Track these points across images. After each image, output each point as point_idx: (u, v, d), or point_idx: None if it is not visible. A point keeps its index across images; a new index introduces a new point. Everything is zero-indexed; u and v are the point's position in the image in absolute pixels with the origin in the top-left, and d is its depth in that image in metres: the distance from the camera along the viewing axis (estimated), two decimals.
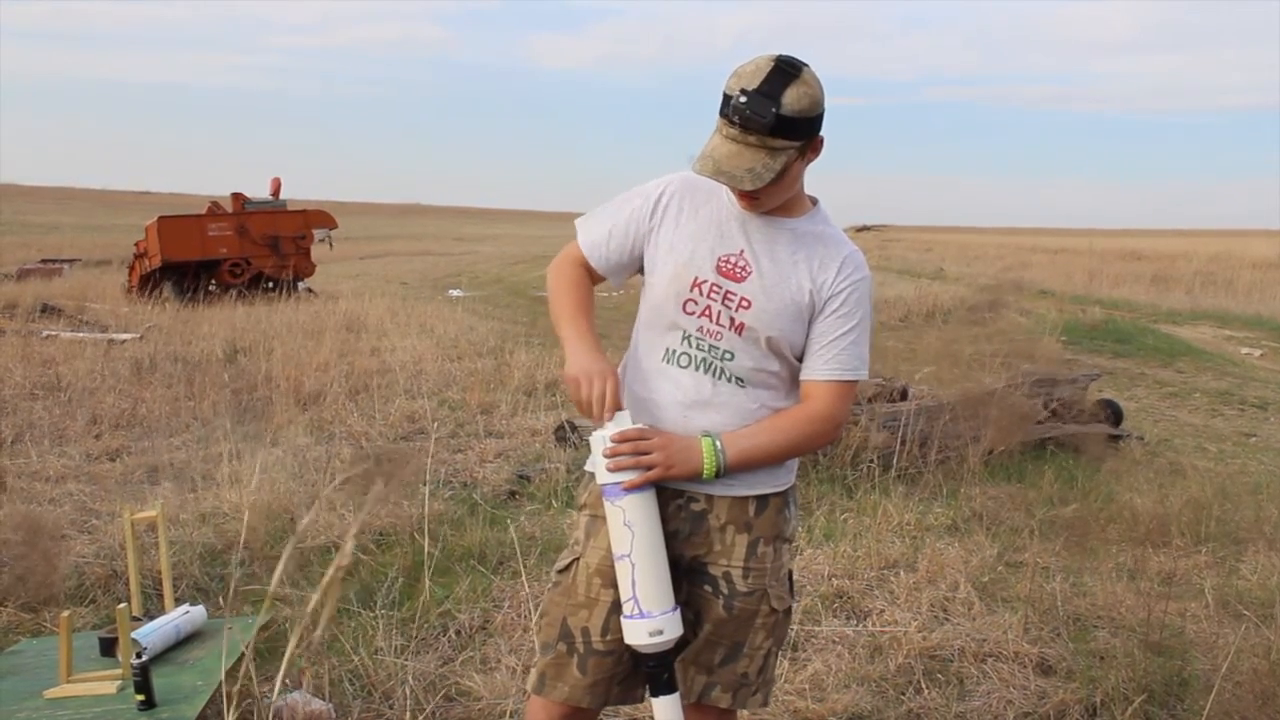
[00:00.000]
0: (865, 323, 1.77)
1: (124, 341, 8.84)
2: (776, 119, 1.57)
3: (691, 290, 1.75)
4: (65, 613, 2.28)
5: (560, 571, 1.87)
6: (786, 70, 1.59)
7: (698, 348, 1.76)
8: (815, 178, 1.79)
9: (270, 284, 13.95)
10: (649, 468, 1.69)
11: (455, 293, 16.83)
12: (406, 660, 2.96)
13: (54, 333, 9.19)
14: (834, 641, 3.26)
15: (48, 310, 10.96)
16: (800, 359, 1.78)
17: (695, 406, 1.76)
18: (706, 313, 1.75)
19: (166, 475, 4.90)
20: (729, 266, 1.74)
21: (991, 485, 5.12)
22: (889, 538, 4.22)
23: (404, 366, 7.88)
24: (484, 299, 15.94)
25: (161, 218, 13.63)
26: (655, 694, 1.74)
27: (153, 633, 2.49)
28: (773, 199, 1.71)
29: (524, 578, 3.46)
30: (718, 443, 1.72)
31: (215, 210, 14.10)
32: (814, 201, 1.82)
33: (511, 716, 2.70)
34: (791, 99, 1.58)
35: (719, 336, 1.75)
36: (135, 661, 2.20)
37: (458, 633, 3.26)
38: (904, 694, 2.95)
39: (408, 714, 2.71)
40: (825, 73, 1.66)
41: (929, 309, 13.68)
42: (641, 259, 1.83)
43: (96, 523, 4.21)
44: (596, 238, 1.84)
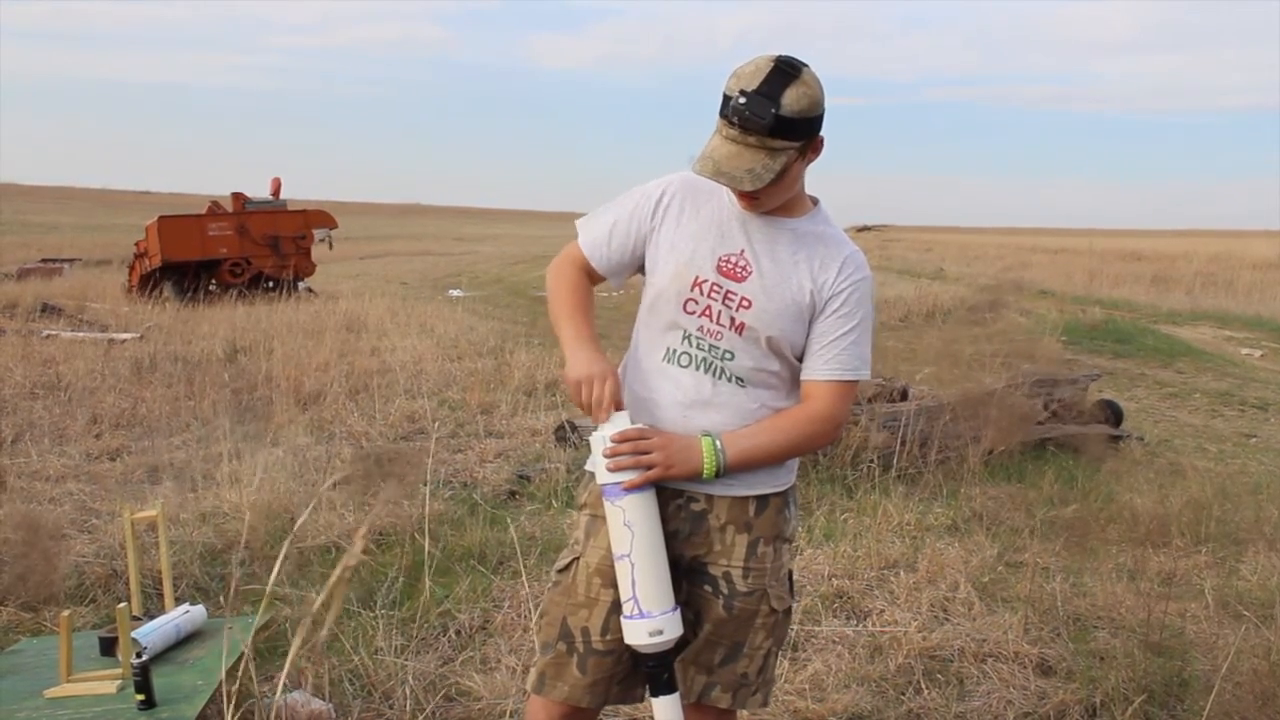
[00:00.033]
0: (866, 323, 1.77)
1: (124, 341, 8.84)
2: (776, 120, 1.57)
3: (692, 290, 1.75)
4: (65, 612, 2.28)
5: (560, 571, 1.87)
6: (786, 71, 1.59)
7: (698, 347, 1.76)
8: (815, 178, 1.79)
9: (270, 284, 13.96)
10: (649, 467, 1.69)
11: (455, 293, 16.82)
12: (406, 660, 2.96)
13: (54, 332, 9.20)
14: (834, 641, 3.26)
15: (48, 310, 10.96)
16: (800, 359, 1.78)
17: (695, 406, 1.76)
18: (707, 312, 1.75)
19: (166, 475, 4.90)
20: (729, 266, 1.74)
21: (991, 485, 5.12)
22: (889, 538, 4.22)
23: (404, 366, 7.88)
24: (484, 299, 15.94)
25: (162, 217, 13.63)
26: (655, 694, 1.74)
27: (153, 632, 2.49)
28: (773, 199, 1.71)
29: (524, 578, 3.46)
30: (718, 442, 1.72)
31: (215, 210, 14.11)
32: (815, 201, 1.82)
33: (511, 716, 2.70)
34: (791, 99, 1.58)
35: (719, 336, 1.75)
36: (135, 661, 2.20)
37: (458, 633, 3.26)
38: (904, 694, 2.95)
39: (408, 714, 2.71)
40: (825, 73, 1.66)
41: (929, 309, 13.69)
42: (642, 259, 1.83)
43: (96, 522, 4.21)
44: (597, 238, 1.84)
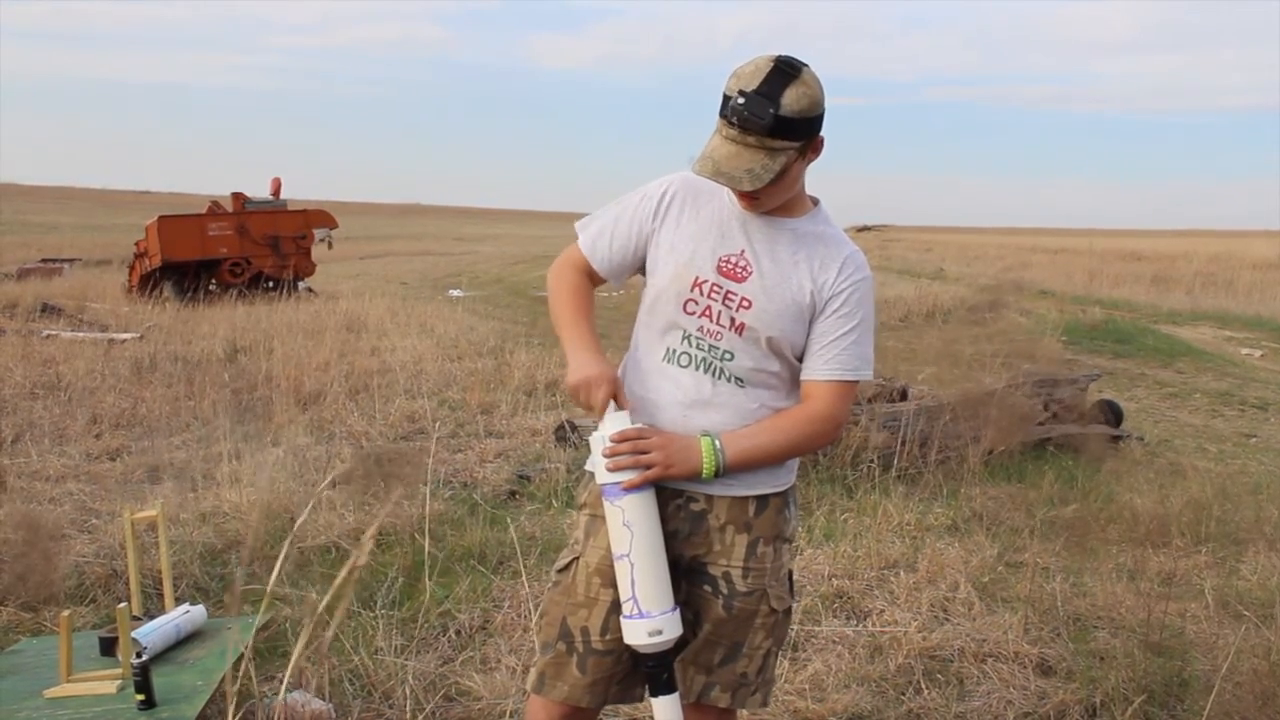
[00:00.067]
0: (866, 323, 1.77)
1: (124, 341, 8.84)
2: (775, 120, 1.57)
3: (692, 290, 1.75)
4: (65, 612, 2.28)
5: (560, 571, 1.87)
6: (786, 71, 1.59)
7: (698, 347, 1.76)
8: (815, 178, 1.79)
9: (270, 284, 13.96)
10: (648, 467, 1.69)
11: (455, 293, 16.82)
12: (406, 660, 2.96)
13: (54, 332, 9.20)
14: (834, 641, 3.26)
15: (48, 310, 10.96)
16: (800, 359, 1.78)
17: (695, 406, 1.76)
18: (707, 313, 1.75)
19: (166, 475, 4.90)
20: (730, 267, 1.74)
21: (991, 485, 5.12)
22: (889, 538, 4.22)
23: (404, 366, 7.88)
24: (484, 299, 15.94)
25: (161, 217, 13.64)
26: (655, 694, 1.74)
27: (153, 632, 2.49)
28: (773, 199, 1.71)
29: (524, 578, 3.46)
30: (717, 442, 1.72)
31: (215, 210, 14.11)
32: (815, 202, 1.82)
33: (511, 716, 2.70)
34: (791, 100, 1.58)
35: (719, 336, 1.75)
36: (135, 661, 2.20)
37: (458, 633, 3.26)
38: (904, 694, 2.95)
39: (408, 714, 2.71)
40: (825, 73, 1.66)
41: (929, 309, 13.69)
42: (644, 260, 1.82)
43: (96, 522, 4.21)
44: (598, 240, 1.84)
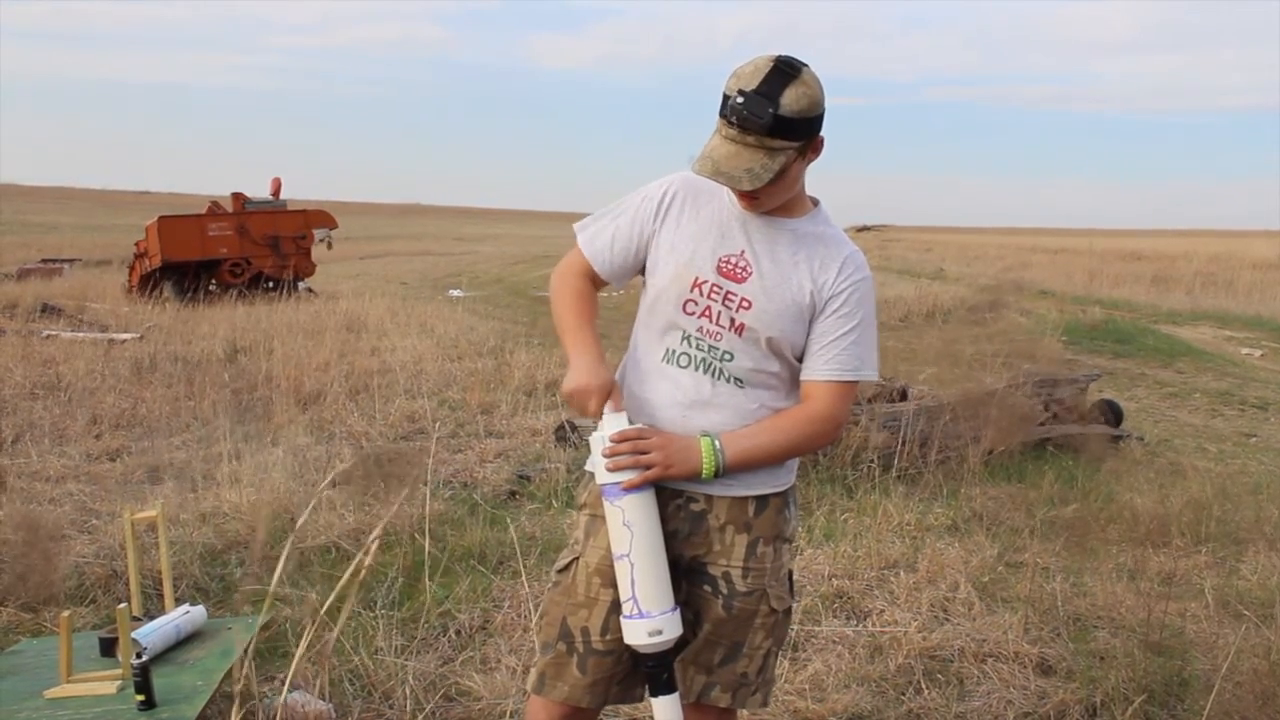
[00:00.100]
0: (867, 323, 1.77)
1: (124, 341, 8.84)
2: (774, 119, 1.57)
3: (692, 291, 1.74)
4: (65, 613, 2.28)
5: (560, 571, 1.87)
6: (785, 71, 1.59)
7: (697, 348, 1.76)
8: (815, 178, 1.78)
9: (270, 284, 13.96)
10: (648, 467, 1.69)
11: (455, 293, 16.82)
12: (406, 660, 2.96)
13: (54, 332, 9.19)
14: (834, 641, 3.26)
15: (48, 310, 10.96)
16: (800, 360, 1.78)
17: (694, 406, 1.75)
18: (706, 313, 1.75)
19: (167, 475, 4.90)
20: (729, 267, 1.74)
21: (992, 485, 5.12)
22: (889, 538, 4.22)
23: (404, 366, 7.88)
24: (484, 299, 15.94)
25: (161, 218, 13.64)
26: (655, 694, 1.74)
27: (153, 633, 2.49)
28: (773, 199, 1.71)
29: (524, 578, 3.46)
30: (717, 443, 1.72)
31: (215, 210, 14.11)
32: (815, 202, 1.82)
33: (511, 716, 2.70)
34: (790, 99, 1.58)
35: (719, 337, 1.75)
36: (135, 661, 2.19)
37: (458, 633, 3.26)
38: (904, 694, 2.95)
39: (408, 714, 2.71)
40: (825, 73, 1.66)
41: (929, 309, 13.70)
42: (645, 261, 1.83)
43: (96, 523, 4.20)
44: (600, 244, 1.84)
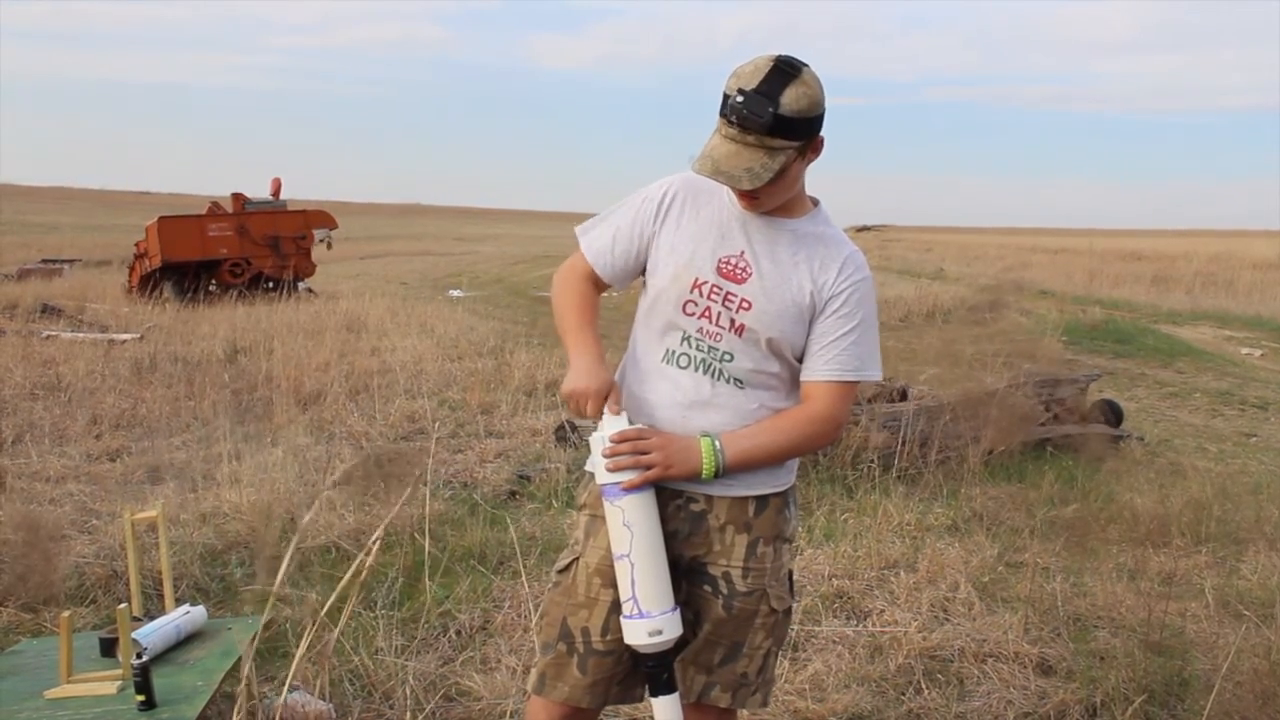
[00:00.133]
0: (868, 323, 1.77)
1: (124, 341, 8.84)
2: (774, 119, 1.57)
3: (691, 291, 1.74)
4: (65, 613, 2.27)
5: (560, 571, 1.87)
6: (786, 70, 1.58)
7: (697, 348, 1.76)
8: (815, 178, 1.78)
9: (270, 284, 13.96)
10: (648, 468, 1.69)
11: (455, 293, 16.82)
12: (407, 660, 2.96)
13: (54, 333, 9.20)
14: (834, 641, 3.26)
15: (48, 310, 10.96)
16: (800, 360, 1.78)
17: (694, 407, 1.75)
18: (706, 314, 1.75)
19: (167, 475, 4.90)
20: (729, 268, 1.74)
21: (992, 485, 5.12)
22: (889, 538, 4.22)
23: (404, 366, 7.88)
24: (484, 299, 15.94)
25: (161, 218, 13.65)
26: (655, 694, 1.74)
27: (153, 633, 2.49)
28: (773, 199, 1.71)
29: (524, 578, 3.46)
30: (717, 443, 1.72)
31: (215, 210, 14.12)
32: (815, 202, 1.82)
33: (511, 716, 2.70)
34: (790, 99, 1.58)
35: (718, 338, 1.75)
36: (135, 662, 2.19)
37: (458, 633, 3.26)
38: (904, 694, 2.95)
39: (408, 714, 2.71)
40: (825, 73, 1.65)
41: (929, 309, 13.70)
42: (647, 262, 1.83)
43: (97, 523, 4.20)
44: (601, 247, 1.84)
